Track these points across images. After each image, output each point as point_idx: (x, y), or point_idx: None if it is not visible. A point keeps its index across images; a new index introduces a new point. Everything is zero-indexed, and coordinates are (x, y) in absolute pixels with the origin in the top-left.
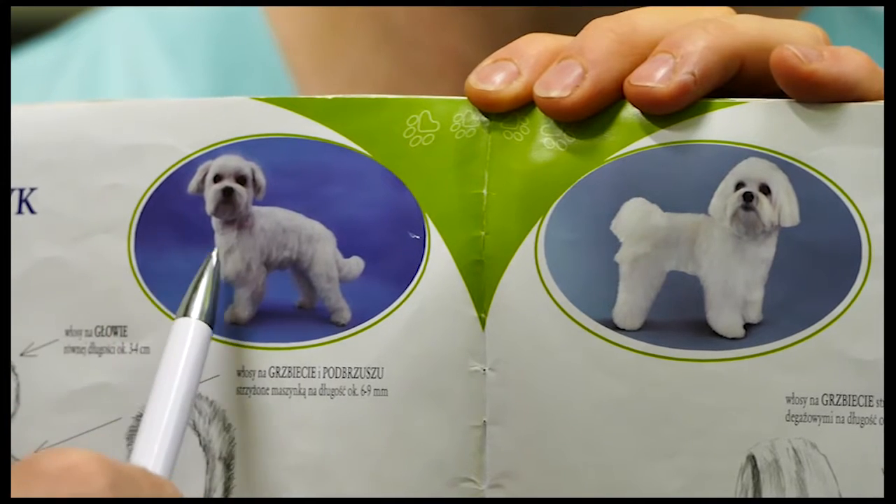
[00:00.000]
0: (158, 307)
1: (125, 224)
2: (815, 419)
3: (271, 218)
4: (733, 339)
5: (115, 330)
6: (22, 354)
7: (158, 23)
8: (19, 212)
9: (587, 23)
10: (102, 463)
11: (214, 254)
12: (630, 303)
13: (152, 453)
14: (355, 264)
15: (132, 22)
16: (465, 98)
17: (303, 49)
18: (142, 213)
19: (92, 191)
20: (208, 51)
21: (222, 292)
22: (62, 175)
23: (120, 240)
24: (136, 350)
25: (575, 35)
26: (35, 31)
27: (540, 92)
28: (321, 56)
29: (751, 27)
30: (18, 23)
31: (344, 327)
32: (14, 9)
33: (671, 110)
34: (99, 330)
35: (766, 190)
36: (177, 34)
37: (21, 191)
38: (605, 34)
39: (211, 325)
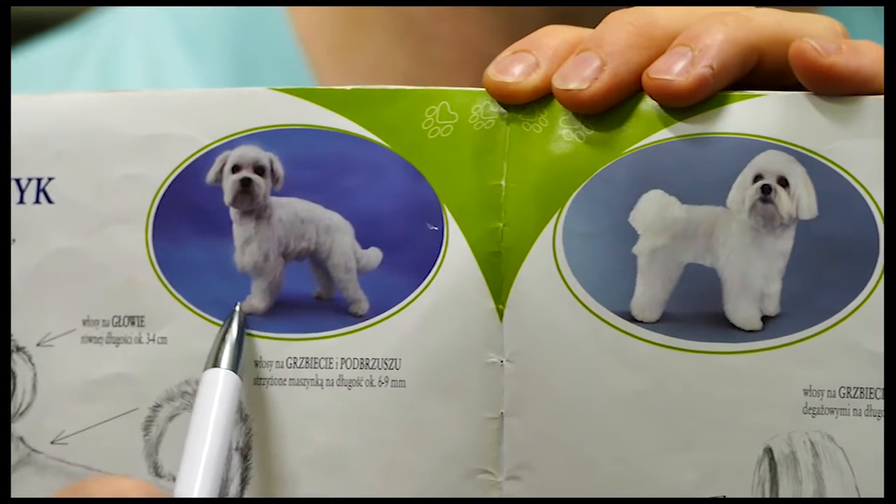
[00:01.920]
0: (176, 297)
1: (143, 214)
2: (833, 412)
3: (289, 209)
4: (751, 331)
5: (132, 320)
6: (39, 344)
7: (176, 15)
8: (36, 201)
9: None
10: (150, 492)
11: (239, 306)
12: (648, 295)
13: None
14: (373, 255)
15: (150, 14)
16: (483, 89)
17: (322, 42)
18: (160, 204)
19: (110, 181)
20: (226, 43)
21: (240, 282)
22: (80, 165)
23: (138, 230)
24: (153, 340)
25: (594, 27)
26: (49, 25)
27: (558, 84)
28: (340, 49)
29: (769, 20)
30: (33, 16)
31: (361, 318)
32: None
33: (689, 103)
34: (116, 320)
35: (784, 182)
36: (195, 26)
37: (39, 180)
38: (623, 27)
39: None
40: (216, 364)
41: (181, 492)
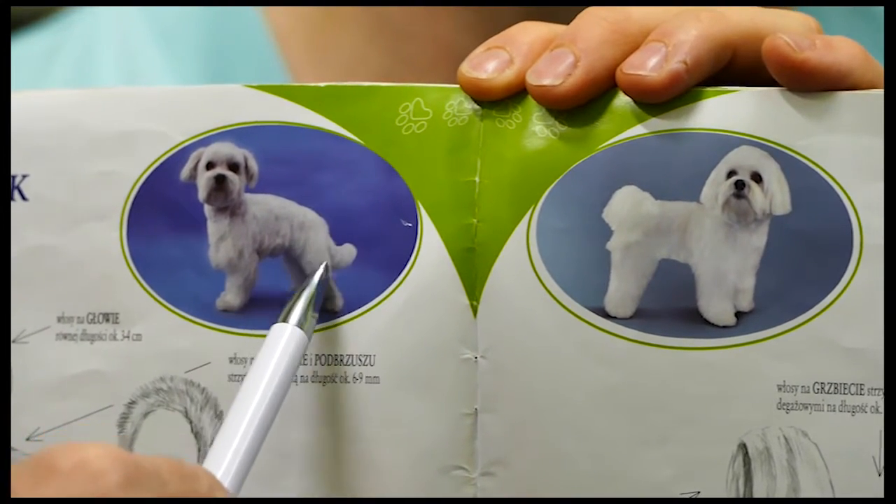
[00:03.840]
0: (150, 294)
1: (117, 211)
2: (807, 407)
3: (264, 205)
4: (724, 327)
5: (106, 317)
6: (14, 341)
7: (151, 12)
8: (11, 199)
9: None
10: (117, 458)
11: (324, 266)
12: (622, 291)
13: (224, 458)
14: (347, 252)
15: (125, 11)
16: (457, 86)
17: (296, 39)
18: (134, 201)
19: (84, 178)
20: (201, 40)
21: (215, 279)
22: (54, 162)
23: (112, 227)
24: (127, 337)
25: (568, 24)
26: (22, 23)
27: (532, 80)
28: (314, 46)
29: (743, 17)
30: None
31: (336, 314)
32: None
33: (663, 99)
34: (91, 317)
35: (757, 178)
36: (169, 23)
37: (13, 178)
38: (598, 22)
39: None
40: (285, 319)
41: (213, 452)
